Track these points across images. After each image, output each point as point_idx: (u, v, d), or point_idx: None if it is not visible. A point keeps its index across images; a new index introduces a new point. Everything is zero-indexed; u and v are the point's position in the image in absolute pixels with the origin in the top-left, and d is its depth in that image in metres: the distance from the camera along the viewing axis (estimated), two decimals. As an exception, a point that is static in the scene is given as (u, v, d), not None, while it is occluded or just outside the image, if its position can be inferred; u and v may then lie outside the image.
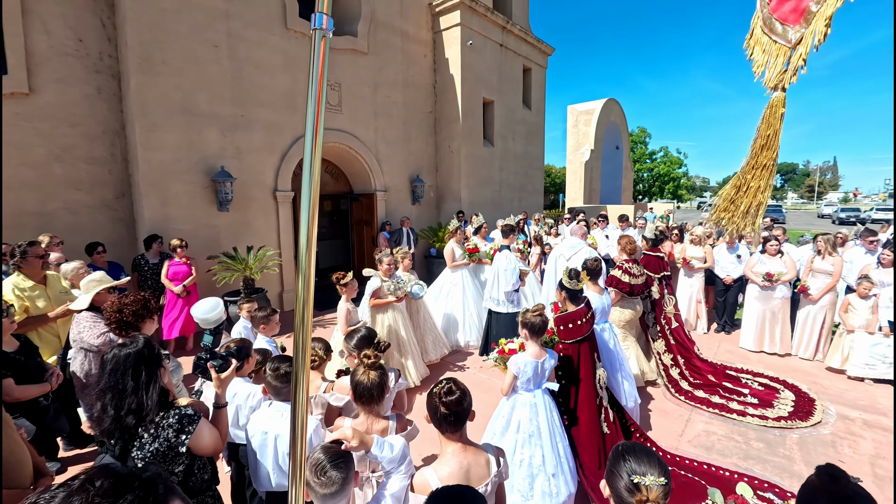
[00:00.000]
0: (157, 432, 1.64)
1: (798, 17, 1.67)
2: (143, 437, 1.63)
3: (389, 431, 1.91)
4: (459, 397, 1.65)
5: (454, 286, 6.07)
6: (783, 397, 4.53)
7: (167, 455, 1.65)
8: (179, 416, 1.70)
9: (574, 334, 2.99)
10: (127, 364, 1.68)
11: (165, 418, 1.68)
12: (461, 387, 1.70)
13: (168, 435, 1.65)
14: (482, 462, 1.65)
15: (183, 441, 1.66)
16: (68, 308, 3.45)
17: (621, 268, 4.42)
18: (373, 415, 1.93)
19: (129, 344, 1.74)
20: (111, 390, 1.65)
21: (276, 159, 7.43)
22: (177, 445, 1.66)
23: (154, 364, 1.74)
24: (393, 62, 9.31)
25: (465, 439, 1.69)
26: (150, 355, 1.74)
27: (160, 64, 6.05)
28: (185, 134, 6.32)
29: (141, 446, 1.62)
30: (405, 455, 1.60)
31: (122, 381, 1.65)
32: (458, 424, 1.65)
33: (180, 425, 1.68)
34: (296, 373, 1.07)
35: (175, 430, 1.66)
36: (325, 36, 1.06)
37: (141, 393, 1.66)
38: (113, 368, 1.67)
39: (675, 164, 35.75)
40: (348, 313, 3.80)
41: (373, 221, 9.25)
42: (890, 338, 4.76)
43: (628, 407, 3.67)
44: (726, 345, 6.10)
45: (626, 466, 1.22)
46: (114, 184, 6.24)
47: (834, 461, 3.50)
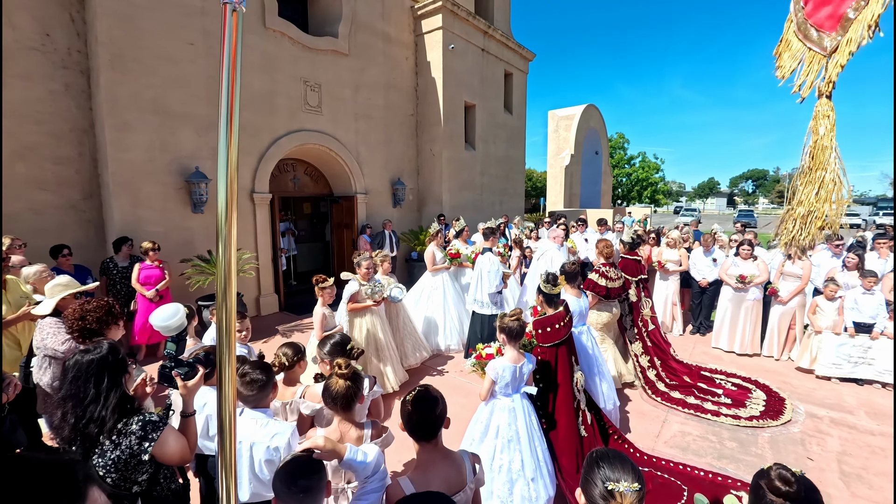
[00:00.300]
0: (119, 440, 1.59)
1: (835, 24, 1.61)
2: (105, 445, 1.58)
3: (365, 439, 1.86)
4: (430, 405, 1.61)
5: (434, 290, 6.05)
6: (755, 397, 4.64)
7: (129, 463, 1.59)
8: (143, 422, 1.64)
9: (552, 338, 2.99)
10: (89, 371, 1.61)
11: (128, 425, 1.62)
12: (434, 394, 1.67)
13: (130, 442, 1.59)
14: (458, 469, 1.63)
15: (146, 448, 1.60)
16: (30, 313, 3.29)
17: (598, 271, 4.48)
18: (347, 422, 1.88)
19: (93, 350, 1.67)
20: (72, 398, 1.59)
21: (253, 160, 7.28)
22: (139, 453, 1.60)
23: (118, 371, 1.68)
24: (374, 64, 9.26)
25: (440, 447, 1.66)
26: (114, 362, 1.68)
27: (132, 61, 5.86)
28: (157, 134, 6.14)
29: (102, 454, 1.57)
30: (379, 464, 1.57)
31: (84, 388, 1.59)
32: (430, 432, 1.62)
33: (143, 432, 1.62)
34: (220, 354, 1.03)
35: (138, 438, 1.60)
36: (235, 10, 1.00)
37: (102, 401, 1.60)
38: (75, 376, 1.61)
39: (652, 170, 36.63)
40: (324, 318, 3.73)
41: (353, 224, 9.15)
42: (854, 338, 4.93)
43: (606, 409, 3.70)
44: (701, 346, 6.24)
45: (601, 473, 1.22)
46: (81, 184, 6.00)
47: (803, 459, 3.61)
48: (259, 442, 1.90)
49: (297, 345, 2.62)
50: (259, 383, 1.95)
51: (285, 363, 2.46)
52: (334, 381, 1.88)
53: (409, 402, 1.65)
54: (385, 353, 4.44)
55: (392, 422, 3.96)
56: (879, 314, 4.90)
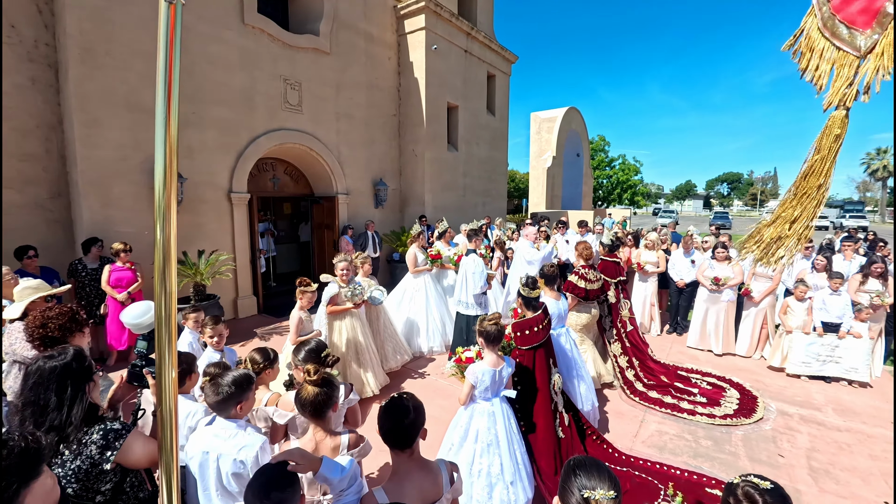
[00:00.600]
0: (80, 449, 1.53)
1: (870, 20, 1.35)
2: (65, 455, 1.52)
3: (341, 448, 1.83)
4: (402, 413, 1.58)
5: (416, 291, 6.01)
6: (729, 395, 4.76)
7: (90, 473, 1.54)
8: (104, 431, 1.58)
9: (530, 340, 3.01)
10: (51, 377, 1.55)
11: (89, 434, 1.56)
12: (409, 403, 1.63)
13: (91, 452, 1.54)
14: (434, 479, 1.60)
15: (108, 457, 1.56)
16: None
17: (578, 273, 4.52)
18: (321, 430, 1.84)
19: (57, 356, 1.61)
20: (31, 405, 1.53)
21: (230, 159, 7.12)
22: (101, 462, 1.55)
23: (82, 378, 1.62)
24: (356, 63, 9.18)
25: (416, 456, 1.63)
26: (78, 369, 1.62)
27: (104, 55, 5.67)
28: (130, 131, 5.94)
29: (62, 464, 1.51)
30: (355, 476, 1.53)
31: (45, 395, 1.54)
32: (404, 441, 1.59)
33: (105, 441, 1.57)
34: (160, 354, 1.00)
35: (99, 447, 1.55)
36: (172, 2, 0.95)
37: (64, 409, 1.54)
38: (36, 381, 1.55)
39: (632, 172, 37.30)
40: (300, 322, 3.66)
41: (334, 225, 9.04)
42: (823, 338, 5.10)
43: (585, 410, 3.73)
44: (678, 346, 6.36)
45: (577, 482, 1.22)
46: (49, 182, 5.76)
47: (774, 456, 3.71)
48: (226, 454, 1.84)
49: (267, 350, 2.55)
50: (228, 391, 1.89)
51: (253, 370, 2.40)
52: (304, 389, 1.84)
53: (382, 409, 1.62)
54: (365, 356, 4.39)
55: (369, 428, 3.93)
56: (846, 314, 5.08)
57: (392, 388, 4.78)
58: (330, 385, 1.84)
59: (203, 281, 6.01)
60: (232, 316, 7.31)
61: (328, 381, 1.85)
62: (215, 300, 6.23)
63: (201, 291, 6.04)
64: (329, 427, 1.86)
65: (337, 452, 1.80)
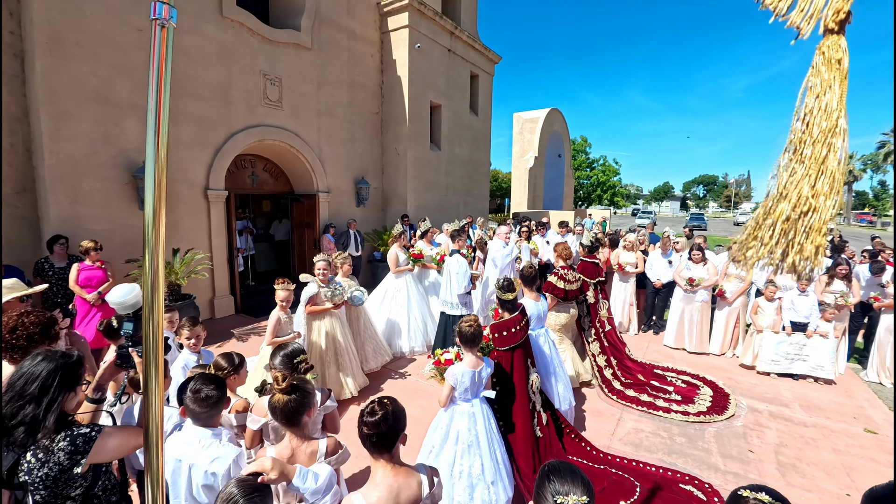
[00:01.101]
0: (47, 457, 1.48)
1: None
2: (31, 462, 1.47)
3: (319, 454, 1.80)
4: (381, 419, 1.56)
5: (398, 291, 5.98)
6: (702, 393, 4.89)
7: (59, 479, 1.49)
8: (71, 437, 1.54)
9: (508, 341, 3.03)
10: (48, 375, 1.53)
11: (55, 442, 1.52)
12: (389, 409, 1.61)
13: (59, 458, 1.49)
14: (413, 484, 1.59)
15: (78, 462, 1.52)
16: None
17: (557, 274, 4.57)
18: (297, 437, 1.81)
19: (62, 356, 1.60)
20: (11, 389, 1.50)
21: (207, 156, 6.95)
22: (70, 467, 1.51)
23: (67, 386, 1.59)
24: (338, 60, 9.06)
25: (396, 460, 1.62)
26: (72, 375, 1.60)
27: (73, 46, 5.45)
28: (100, 125, 5.74)
29: (28, 471, 1.46)
30: (332, 484, 1.51)
31: (32, 386, 1.51)
32: (383, 446, 1.58)
33: (73, 447, 1.52)
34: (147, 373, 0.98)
35: (67, 453, 1.51)
36: (164, 26, 0.95)
37: (41, 409, 1.51)
38: (30, 372, 1.52)
39: (612, 173, 37.94)
40: (278, 323, 3.60)
41: (315, 223, 8.92)
42: (791, 336, 5.29)
43: (562, 409, 3.78)
44: (654, 345, 6.51)
45: (551, 487, 1.23)
46: (13, 177, 5.51)
47: (745, 451, 3.83)
48: (198, 464, 1.80)
49: (233, 356, 2.49)
50: (212, 400, 1.85)
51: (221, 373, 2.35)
52: (275, 396, 1.82)
53: (362, 414, 1.61)
54: (345, 357, 4.35)
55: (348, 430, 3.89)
56: (813, 314, 5.28)
57: (372, 390, 4.74)
58: (301, 391, 1.81)
59: (178, 280, 5.85)
60: (209, 316, 7.15)
61: (299, 388, 1.82)
62: (191, 300, 6.07)
63: (176, 291, 5.88)
64: (305, 433, 1.83)
65: (314, 459, 1.77)
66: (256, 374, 3.57)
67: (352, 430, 3.73)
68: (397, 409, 1.63)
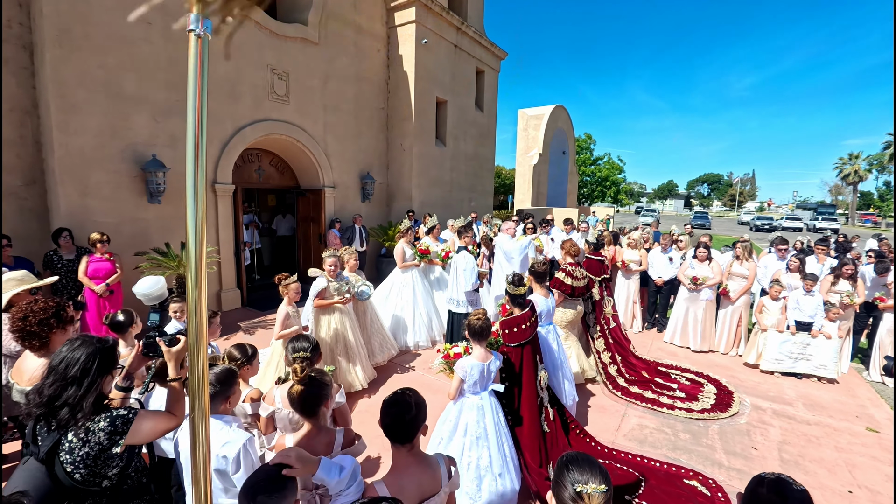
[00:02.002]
0: (88, 437, 1.56)
1: None
2: (73, 441, 1.54)
3: (335, 444, 1.84)
4: (402, 409, 1.60)
5: (404, 286, 6.02)
6: (706, 391, 4.92)
7: (99, 458, 1.57)
8: (111, 418, 1.62)
9: (518, 338, 3.06)
10: (87, 358, 1.60)
11: (95, 422, 1.59)
12: (411, 399, 1.64)
13: (100, 438, 1.57)
14: (432, 474, 1.63)
15: (117, 442, 1.60)
16: None
17: (565, 270, 4.59)
18: (314, 427, 1.85)
19: (98, 340, 1.69)
20: (53, 373, 1.57)
21: (214, 150, 6.97)
22: (109, 447, 1.59)
23: (105, 369, 1.67)
24: (345, 55, 9.06)
25: (416, 451, 1.65)
26: (109, 359, 1.69)
27: (82, 38, 5.47)
28: (109, 118, 5.77)
29: (70, 450, 1.53)
30: (356, 475, 1.55)
31: (73, 369, 1.58)
32: (404, 436, 1.61)
33: (113, 427, 1.60)
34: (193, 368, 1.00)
35: (107, 434, 1.58)
36: (199, 37, 0.97)
37: (81, 391, 1.58)
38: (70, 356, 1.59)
39: (616, 170, 37.85)
40: (286, 317, 3.64)
41: (320, 218, 8.95)
42: (795, 336, 5.31)
43: (567, 405, 3.82)
44: (658, 342, 6.54)
45: (570, 477, 1.26)
46: (23, 169, 5.55)
47: (748, 448, 3.86)
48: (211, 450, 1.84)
49: (245, 347, 2.53)
50: (212, 390, 1.88)
51: None
52: (294, 388, 1.85)
53: (385, 404, 1.64)
54: (353, 350, 4.39)
55: (360, 419, 3.93)
56: (818, 314, 5.29)
57: (379, 383, 4.79)
58: (318, 382, 1.85)
59: (186, 273, 5.88)
60: (215, 309, 7.19)
61: (315, 379, 1.85)
62: (198, 293, 6.11)
63: (184, 284, 5.92)
64: (321, 423, 1.86)
65: (330, 448, 1.81)
66: (268, 367, 3.62)
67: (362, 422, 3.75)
68: (419, 401, 1.67)
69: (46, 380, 1.57)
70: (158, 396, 2.30)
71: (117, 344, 1.74)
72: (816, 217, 34.67)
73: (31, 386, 1.94)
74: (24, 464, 1.55)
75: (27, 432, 1.58)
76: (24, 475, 1.50)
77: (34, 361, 2.23)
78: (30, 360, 2.24)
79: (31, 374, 2.17)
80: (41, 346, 2.22)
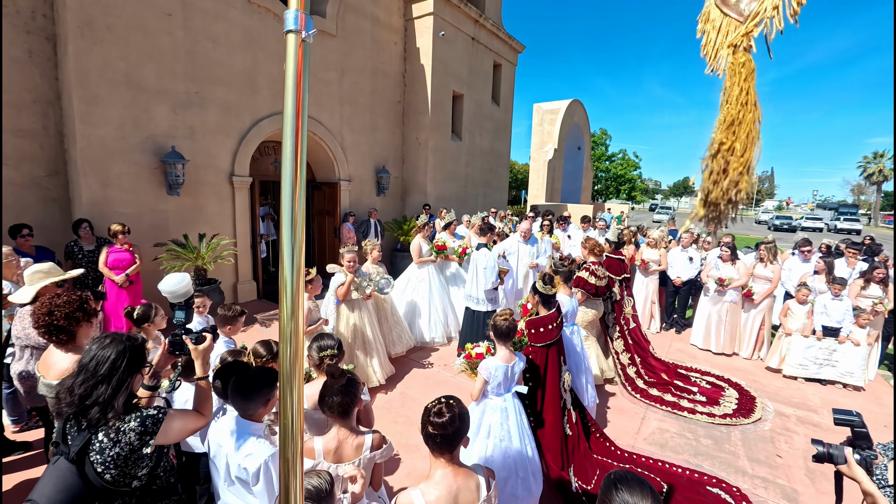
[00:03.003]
0: (118, 437, 1.54)
1: None
2: (103, 441, 1.52)
3: (365, 447, 1.80)
4: (448, 421, 1.56)
5: (420, 282, 5.99)
6: (728, 395, 4.81)
7: (129, 458, 1.56)
8: (141, 418, 1.60)
9: (544, 338, 3.00)
10: (117, 356, 1.59)
11: (126, 422, 1.57)
12: (457, 410, 1.61)
13: (130, 439, 1.55)
14: (472, 486, 1.59)
15: (147, 442, 1.58)
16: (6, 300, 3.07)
17: (588, 269, 4.51)
18: (346, 429, 1.82)
19: (128, 338, 1.67)
20: (84, 371, 1.56)
21: (233, 142, 6.99)
22: (140, 447, 1.57)
23: (135, 367, 1.65)
24: (362, 48, 9.00)
25: (456, 461, 1.62)
26: (139, 356, 1.67)
27: (104, 30, 5.49)
28: (130, 109, 5.80)
29: (101, 450, 1.51)
30: None
31: (103, 367, 1.56)
32: (446, 447, 1.58)
33: (143, 427, 1.58)
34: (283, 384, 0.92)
35: (137, 434, 1.57)
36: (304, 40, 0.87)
37: (110, 389, 1.57)
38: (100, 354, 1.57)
39: (631, 167, 37.30)
40: (308, 312, 3.62)
41: (335, 212, 8.95)
42: (821, 341, 5.16)
43: (588, 406, 3.76)
44: (677, 343, 6.42)
45: (619, 497, 1.20)
46: (45, 160, 5.62)
47: (772, 456, 3.77)
48: (233, 456, 1.81)
49: (271, 344, 2.49)
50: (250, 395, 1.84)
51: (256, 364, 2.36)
52: (331, 386, 1.82)
53: (428, 411, 1.61)
54: (372, 346, 4.38)
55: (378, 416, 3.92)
56: (846, 319, 5.12)
57: (396, 379, 4.78)
58: (353, 383, 1.82)
59: (205, 265, 5.94)
60: (231, 300, 7.25)
61: (352, 380, 1.82)
62: (216, 285, 6.16)
63: (202, 276, 5.97)
64: (352, 425, 1.83)
65: (360, 452, 1.78)
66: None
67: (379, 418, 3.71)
68: (463, 412, 1.64)
69: (77, 378, 1.55)
70: (182, 393, 2.29)
71: (146, 341, 1.71)
72: (838, 217, 33.78)
73: (57, 380, 1.94)
74: (53, 463, 1.54)
75: (56, 431, 1.57)
76: (55, 475, 1.48)
77: (60, 356, 2.23)
78: (56, 355, 2.25)
79: (58, 368, 2.17)
80: (68, 341, 2.22)
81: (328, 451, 1.79)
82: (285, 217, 0.89)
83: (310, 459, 1.79)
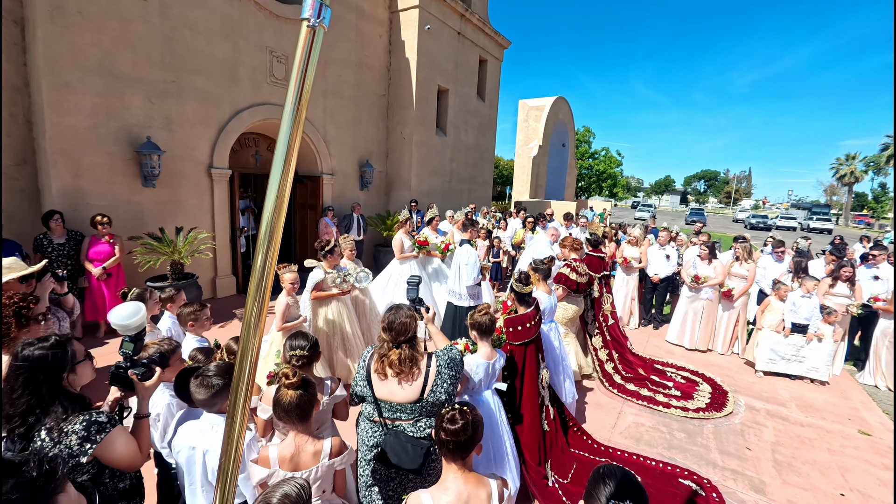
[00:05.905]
0: (60, 438, 1.47)
1: None
2: (44, 441, 1.46)
3: (323, 454, 1.78)
4: (461, 428, 1.56)
5: (402, 277, 5.96)
6: (702, 390, 4.95)
7: (67, 463, 1.48)
8: (87, 422, 1.52)
9: (522, 336, 3.03)
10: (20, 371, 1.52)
11: (71, 423, 1.50)
12: (470, 417, 1.60)
13: (70, 442, 1.48)
14: (482, 494, 1.57)
15: (86, 450, 1.49)
16: None
17: (570, 266, 4.56)
18: (303, 434, 1.79)
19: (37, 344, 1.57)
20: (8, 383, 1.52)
21: (211, 133, 6.83)
22: (78, 454, 1.49)
23: (57, 370, 1.57)
24: (346, 39, 8.87)
25: (468, 467, 1.61)
26: (53, 360, 1.57)
27: (75, 14, 5.29)
28: (103, 98, 5.61)
29: (39, 450, 1.46)
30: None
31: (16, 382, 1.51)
32: (458, 453, 1.58)
33: (87, 433, 1.51)
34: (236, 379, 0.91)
35: (79, 438, 1.49)
36: (313, 27, 0.82)
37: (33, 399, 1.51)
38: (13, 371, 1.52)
39: (613, 164, 37.76)
40: (287, 308, 3.58)
41: (317, 206, 8.85)
42: (789, 337, 5.33)
43: (567, 402, 3.82)
44: (654, 339, 6.56)
45: (606, 490, 1.23)
46: (13, 149, 5.39)
47: (742, 449, 3.89)
48: (212, 449, 1.79)
49: None
50: (214, 389, 1.82)
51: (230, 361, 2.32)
52: (283, 393, 1.78)
53: (442, 417, 1.61)
54: (351, 342, 4.35)
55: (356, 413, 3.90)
56: (814, 316, 5.31)
57: (376, 375, 4.77)
58: (311, 386, 1.79)
59: (182, 259, 5.81)
60: (210, 296, 7.12)
61: (309, 383, 1.80)
62: (194, 279, 6.04)
63: (179, 270, 5.84)
64: (311, 430, 1.81)
65: (318, 458, 1.76)
66: (266, 360, 3.57)
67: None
68: (476, 419, 1.63)
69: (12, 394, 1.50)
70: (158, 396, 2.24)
71: (62, 341, 1.63)
72: (811, 217, 34.93)
73: None
74: None
75: None
76: None
77: None
78: None
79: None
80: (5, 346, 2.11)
81: (283, 458, 1.76)
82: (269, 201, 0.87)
83: (265, 469, 1.75)
